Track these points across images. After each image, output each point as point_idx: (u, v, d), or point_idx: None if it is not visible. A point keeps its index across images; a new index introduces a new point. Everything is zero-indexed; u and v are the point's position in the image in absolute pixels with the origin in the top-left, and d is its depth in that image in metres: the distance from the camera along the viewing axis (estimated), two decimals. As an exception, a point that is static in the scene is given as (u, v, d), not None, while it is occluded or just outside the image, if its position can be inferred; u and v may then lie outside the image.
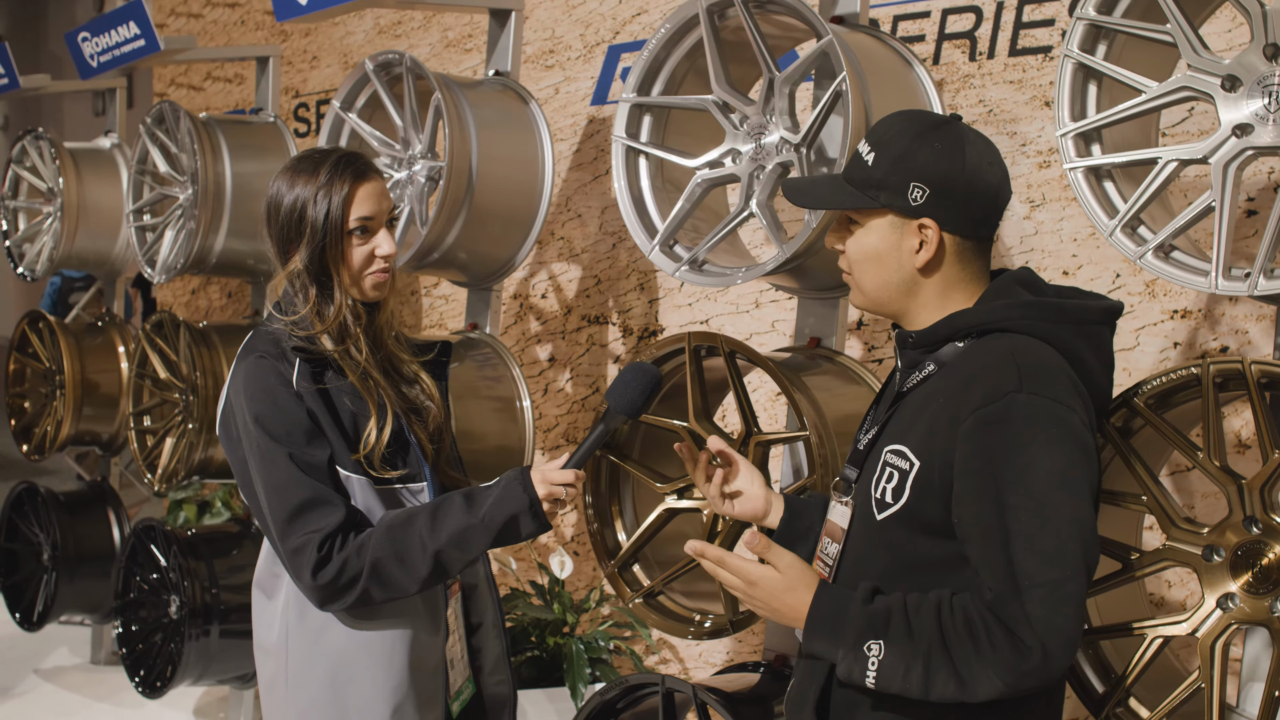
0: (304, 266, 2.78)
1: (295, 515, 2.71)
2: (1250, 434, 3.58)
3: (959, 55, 4.30)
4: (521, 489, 2.70)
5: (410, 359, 2.98)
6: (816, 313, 3.66)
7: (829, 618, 2.25)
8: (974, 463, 2.17)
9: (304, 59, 7.01)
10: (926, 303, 2.36)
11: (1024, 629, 2.09)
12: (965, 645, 2.13)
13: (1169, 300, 3.84)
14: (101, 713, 5.81)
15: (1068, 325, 2.28)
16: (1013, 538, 2.12)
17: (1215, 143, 2.73)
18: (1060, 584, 2.09)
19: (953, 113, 2.33)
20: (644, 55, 3.65)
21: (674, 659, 5.19)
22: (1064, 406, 2.17)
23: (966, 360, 2.27)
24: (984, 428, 2.16)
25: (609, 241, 5.39)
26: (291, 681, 2.87)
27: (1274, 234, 2.65)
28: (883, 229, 2.33)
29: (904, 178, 2.29)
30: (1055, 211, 4.06)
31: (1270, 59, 2.67)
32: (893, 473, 2.28)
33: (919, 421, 2.27)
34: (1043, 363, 2.21)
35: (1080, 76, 2.96)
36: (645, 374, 2.73)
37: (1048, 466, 2.13)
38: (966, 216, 2.30)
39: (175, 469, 5.19)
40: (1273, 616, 2.60)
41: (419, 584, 2.73)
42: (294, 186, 2.78)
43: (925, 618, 2.17)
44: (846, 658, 2.22)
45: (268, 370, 2.76)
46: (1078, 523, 2.13)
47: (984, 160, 2.31)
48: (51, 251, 6.19)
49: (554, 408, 5.61)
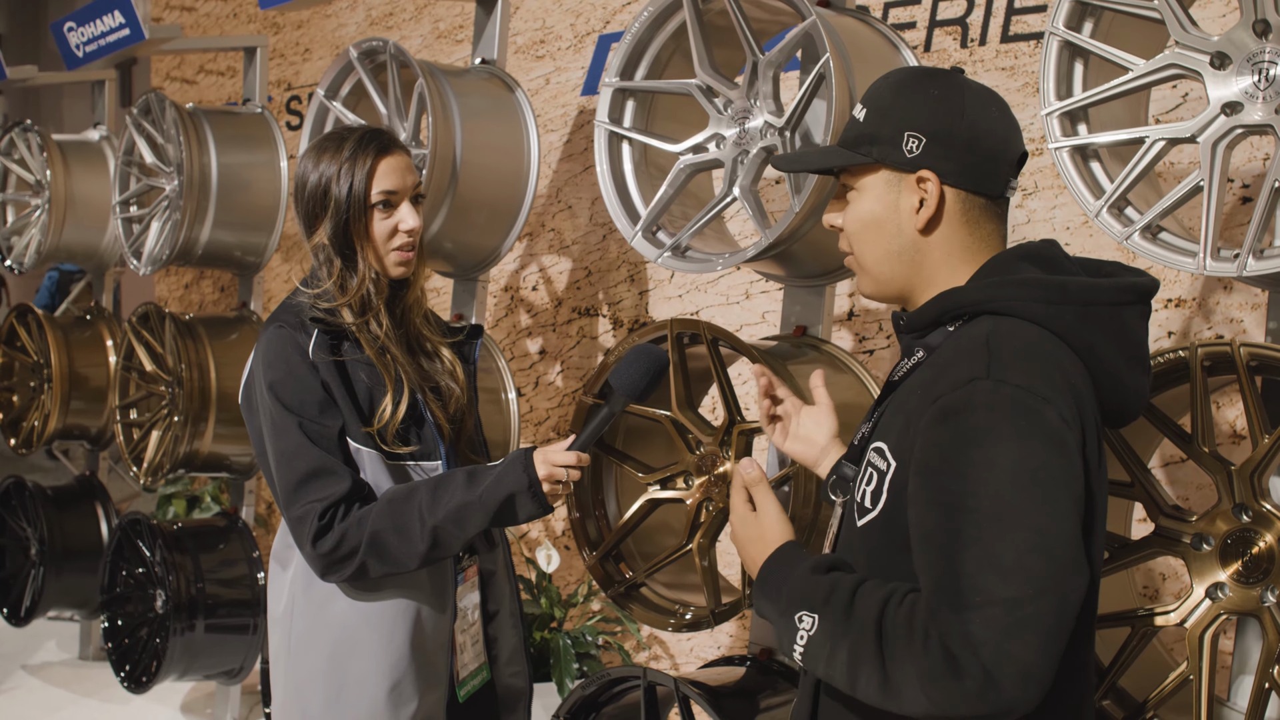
0: (328, 240, 2.81)
1: (301, 484, 2.73)
2: (1245, 425, 3.52)
3: (950, 42, 4.25)
4: (522, 469, 2.70)
5: (438, 338, 3.00)
6: (803, 300, 3.61)
7: (773, 576, 2.03)
8: (929, 458, 1.87)
9: (296, 51, 6.97)
10: (931, 276, 2.07)
11: (963, 650, 1.74)
12: (899, 643, 1.81)
13: (1163, 289, 3.78)
14: (89, 708, 5.77)
15: (1071, 307, 1.95)
16: (966, 545, 1.78)
17: (1204, 121, 2.67)
18: (1018, 604, 1.73)
19: (954, 66, 2.13)
20: (626, 39, 3.60)
21: (664, 654, 5.14)
22: (1036, 397, 1.83)
23: (949, 346, 1.98)
24: (942, 418, 1.87)
25: (599, 233, 5.33)
26: (294, 652, 2.90)
27: (1263, 214, 2.59)
28: (879, 189, 2.07)
29: (898, 127, 2.03)
30: (1048, 200, 4.00)
31: (1260, 35, 2.61)
32: (873, 474, 2.00)
33: (898, 417, 1.98)
34: (1023, 348, 1.90)
35: (1066, 55, 2.91)
36: (650, 356, 2.71)
37: (1012, 465, 1.79)
38: (970, 166, 2.02)
39: (161, 462, 5.14)
40: (1262, 607, 2.55)
41: (418, 559, 2.73)
42: (319, 163, 2.81)
43: (870, 601, 1.88)
44: (779, 623, 1.99)
45: (285, 340, 2.79)
46: (1047, 533, 1.77)
47: (988, 106, 2.05)
48: (39, 244, 6.14)
49: (544, 400, 5.56)
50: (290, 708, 2.92)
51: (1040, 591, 1.74)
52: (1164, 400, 2.72)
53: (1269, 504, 2.54)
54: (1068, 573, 1.77)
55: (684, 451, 3.42)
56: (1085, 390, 1.93)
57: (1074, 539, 1.79)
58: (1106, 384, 1.97)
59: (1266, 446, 2.51)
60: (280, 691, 2.95)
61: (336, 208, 2.78)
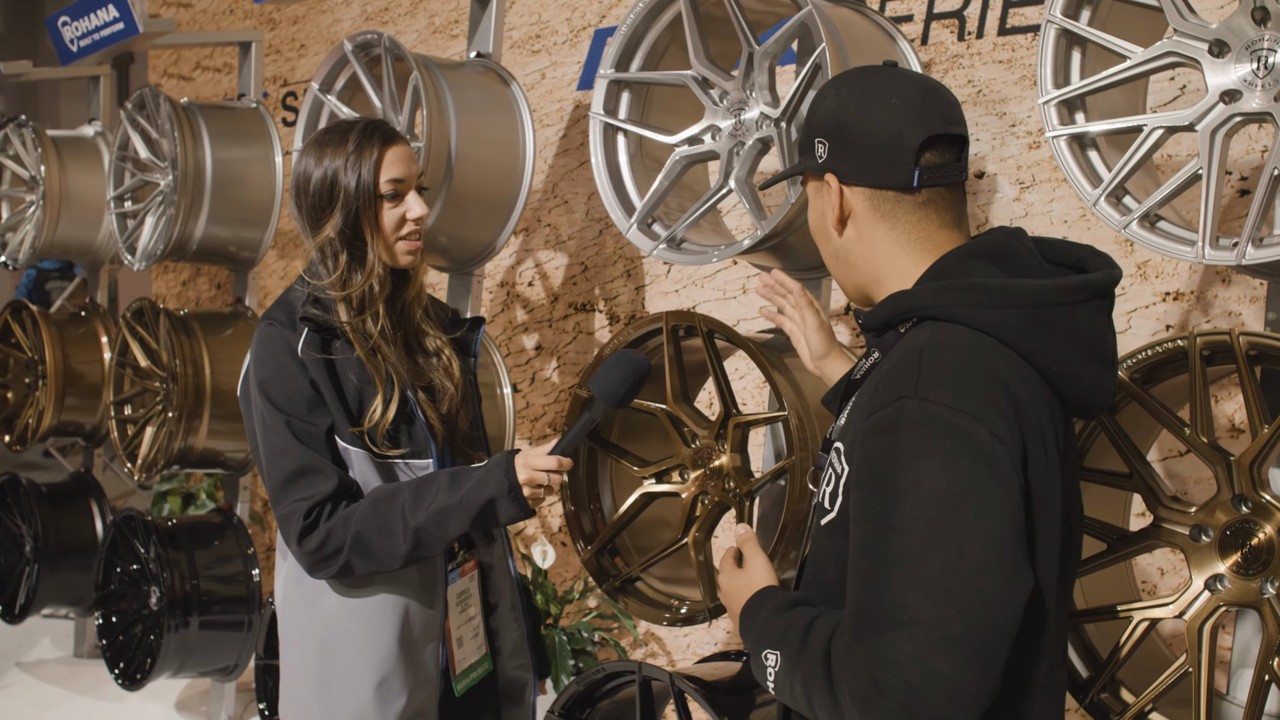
0: (336, 233, 2.79)
1: (288, 482, 2.74)
2: (1244, 418, 3.50)
3: (948, 35, 4.23)
4: (503, 473, 2.70)
5: (437, 333, 2.99)
6: (799, 293, 3.58)
7: (748, 616, 2.09)
8: (859, 473, 1.87)
9: (292, 47, 6.95)
10: (875, 275, 2.06)
11: (883, 673, 1.74)
12: (841, 672, 1.81)
13: (1160, 282, 3.76)
14: (83, 706, 5.75)
15: (1015, 310, 1.90)
16: (893, 564, 1.77)
17: (1202, 109, 2.65)
18: (945, 623, 1.72)
19: (887, 60, 2.11)
20: (621, 30, 3.58)
21: (661, 651, 5.11)
22: (965, 415, 1.80)
23: (895, 352, 1.96)
24: (872, 436, 1.86)
25: (596, 228, 5.31)
26: (288, 642, 2.95)
27: (1263, 202, 2.57)
28: (813, 197, 2.11)
29: (810, 135, 2.06)
30: (1045, 193, 3.98)
31: (1259, 23, 2.59)
32: (831, 475, 1.99)
33: (855, 419, 1.96)
34: (955, 362, 1.86)
35: (1064, 43, 2.89)
36: (629, 361, 2.69)
37: (937, 486, 1.77)
38: (864, 161, 1.99)
39: (155, 458, 5.12)
40: (1262, 599, 2.52)
41: (401, 559, 2.74)
42: (323, 159, 2.80)
43: (819, 636, 1.90)
44: (754, 660, 2.02)
45: (275, 337, 2.79)
46: (971, 554, 1.75)
47: (883, 97, 2.00)
48: (34, 240, 6.12)
49: (541, 396, 5.54)
50: (287, 696, 2.96)
51: (966, 610, 1.73)
52: (1162, 391, 2.70)
53: (1269, 495, 2.52)
54: (998, 591, 1.75)
55: (679, 445, 3.40)
56: (1031, 396, 1.89)
57: (1005, 556, 1.77)
58: (1062, 383, 1.94)
59: (1266, 436, 2.49)
60: (282, 679, 2.99)
61: (346, 200, 2.77)
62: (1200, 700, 2.54)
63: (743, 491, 3.26)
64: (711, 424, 3.32)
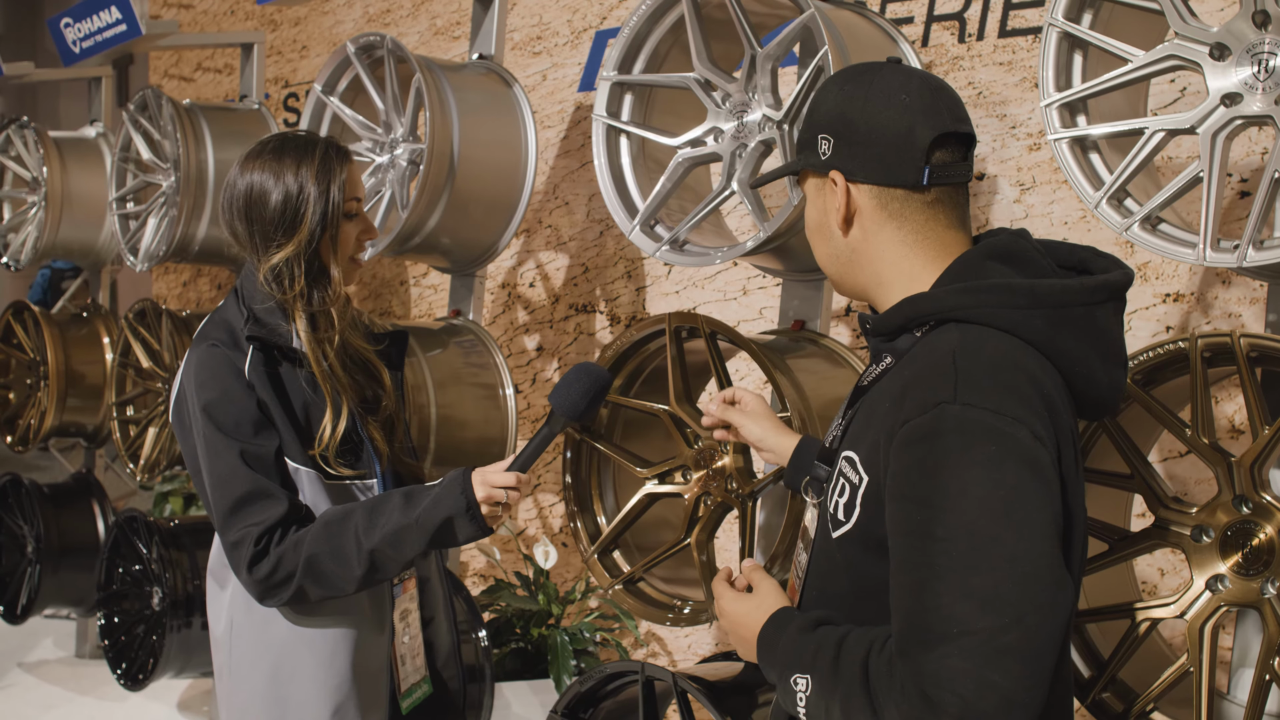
0: (295, 254, 2.72)
1: (236, 508, 2.65)
2: (1245, 419, 3.52)
3: (948, 37, 4.24)
4: (460, 491, 2.62)
5: (366, 347, 2.93)
6: (801, 295, 3.60)
7: (768, 641, 2.02)
8: (899, 485, 1.83)
9: (294, 48, 6.97)
10: (880, 275, 2.04)
11: (935, 688, 1.71)
12: (881, 690, 1.78)
13: (1161, 284, 3.78)
14: (85, 706, 5.76)
15: (1042, 311, 1.89)
16: (941, 577, 1.75)
17: (1203, 112, 2.67)
18: (997, 633, 1.69)
19: (891, 57, 2.10)
20: (624, 32, 3.60)
21: (662, 652, 5.13)
22: (1007, 419, 1.78)
23: (915, 357, 1.93)
24: (911, 445, 1.82)
25: (596, 229, 5.33)
26: (235, 674, 2.83)
27: (1263, 204, 2.59)
28: (813, 195, 2.08)
29: (812, 132, 2.04)
30: (1046, 194, 4.00)
31: (1260, 26, 2.61)
32: (844, 485, 1.96)
33: (870, 427, 1.94)
34: (990, 364, 1.84)
35: (1065, 46, 2.91)
36: (588, 375, 2.67)
37: (983, 493, 1.75)
38: (873, 159, 1.98)
39: (157, 459, 5.14)
40: (1263, 599, 2.54)
41: (355, 583, 2.66)
42: (283, 175, 2.72)
43: (854, 655, 1.85)
44: (780, 687, 1.97)
45: (219, 359, 2.71)
46: (1024, 559, 1.73)
47: (896, 94, 1.98)
48: (36, 241, 6.14)
49: (542, 397, 5.55)
50: None
51: (1019, 618, 1.70)
52: (1164, 392, 2.72)
53: (1269, 495, 2.53)
54: (1049, 596, 1.73)
55: (682, 446, 3.42)
56: (1059, 395, 1.88)
57: (1054, 560, 1.75)
58: (1080, 383, 1.93)
59: (1267, 437, 2.50)
60: (224, 711, 2.89)
61: (314, 220, 2.71)
62: (1201, 700, 2.56)
63: (745, 492, 3.28)
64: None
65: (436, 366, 4.25)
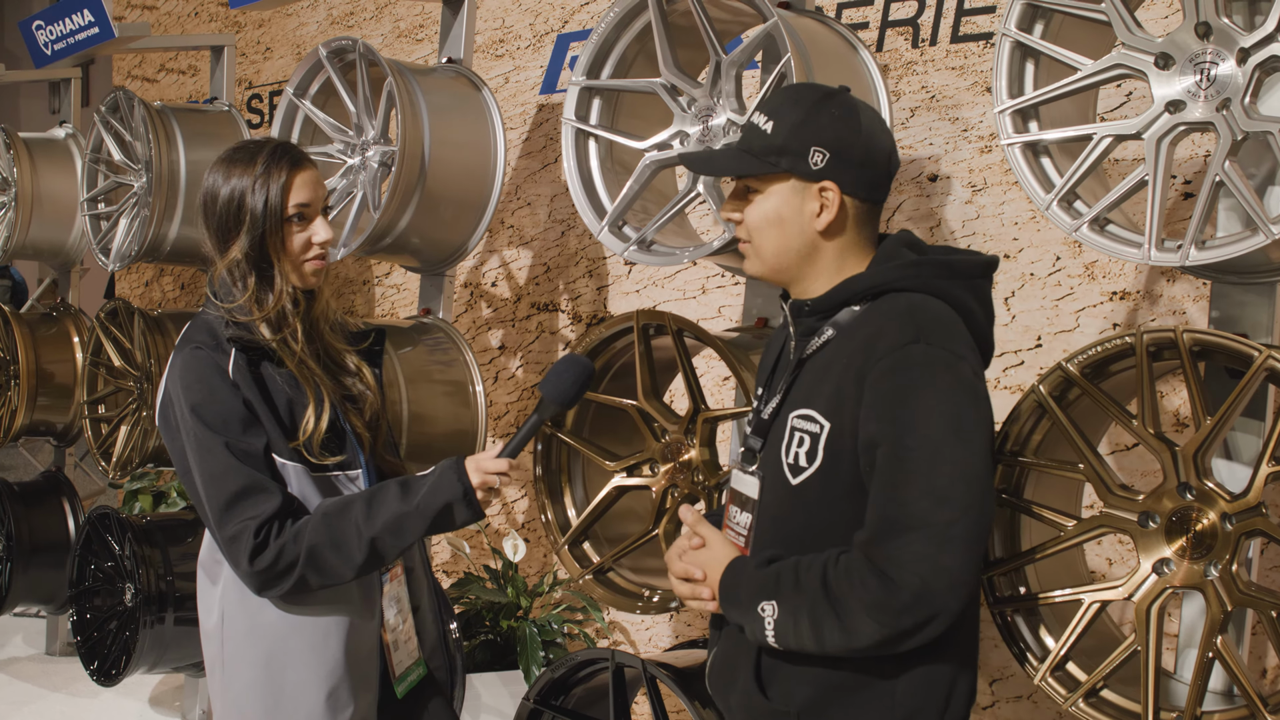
0: (243, 255, 2.80)
1: (232, 502, 2.73)
2: (1189, 411, 3.64)
3: (902, 42, 4.36)
4: (456, 478, 2.75)
5: (346, 348, 3.01)
6: (764, 293, 3.71)
7: (730, 586, 2.39)
8: (878, 409, 2.25)
9: (257, 50, 7.01)
10: (824, 268, 2.44)
11: (895, 568, 2.18)
12: (845, 592, 2.22)
13: (1108, 282, 3.90)
14: (57, 702, 5.79)
15: (958, 280, 2.39)
16: (909, 480, 2.21)
17: (1148, 119, 2.79)
18: (948, 525, 2.18)
19: (841, 85, 2.48)
20: (593, 38, 3.69)
21: (625, 641, 5.23)
22: (956, 356, 2.27)
23: (864, 322, 2.36)
24: (886, 376, 2.26)
25: (558, 229, 5.42)
26: (228, 664, 2.90)
27: (1205, 207, 2.71)
28: (784, 194, 2.41)
29: (804, 143, 2.38)
30: (996, 195, 4.12)
31: (1202, 37, 2.73)
32: (803, 437, 2.36)
33: (823, 385, 2.36)
34: (939, 317, 2.32)
35: (1018, 55, 3.02)
36: (577, 365, 2.81)
37: (942, 412, 2.23)
38: (864, 180, 2.40)
39: (129, 457, 5.18)
40: (1206, 581, 2.65)
41: (355, 570, 2.76)
42: (230, 177, 2.81)
43: (812, 572, 2.28)
44: (747, 621, 2.35)
45: (204, 360, 2.78)
46: (969, 467, 2.21)
47: (877, 127, 2.43)
48: (5, 241, 6.17)
49: (505, 394, 5.64)
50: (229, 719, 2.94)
51: (965, 513, 2.19)
52: (1112, 385, 2.83)
53: (1212, 483, 2.65)
54: (985, 500, 2.23)
55: (650, 440, 3.51)
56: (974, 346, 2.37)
57: (990, 469, 2.26)
58: (977, 336, 2.40)
59: (1209, 428, 2.62)
60: (219, 703, 2.95)
61: (253, 222, 2.78)
62: (1148, 678, 2.67)
63: (711, 484, 3.38)
64: (681, 419, 3.44)
65: (408, 364, 4.33)
